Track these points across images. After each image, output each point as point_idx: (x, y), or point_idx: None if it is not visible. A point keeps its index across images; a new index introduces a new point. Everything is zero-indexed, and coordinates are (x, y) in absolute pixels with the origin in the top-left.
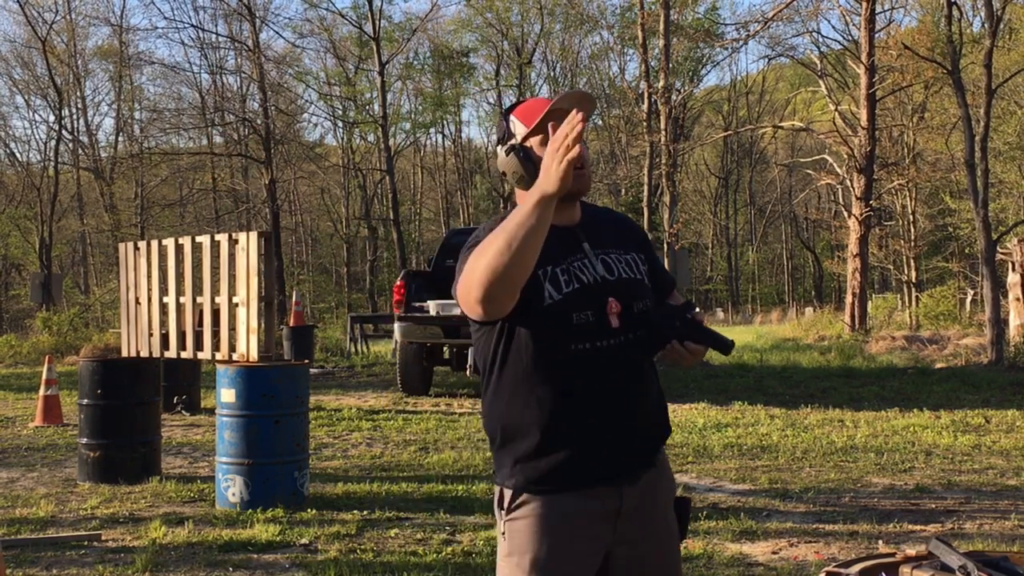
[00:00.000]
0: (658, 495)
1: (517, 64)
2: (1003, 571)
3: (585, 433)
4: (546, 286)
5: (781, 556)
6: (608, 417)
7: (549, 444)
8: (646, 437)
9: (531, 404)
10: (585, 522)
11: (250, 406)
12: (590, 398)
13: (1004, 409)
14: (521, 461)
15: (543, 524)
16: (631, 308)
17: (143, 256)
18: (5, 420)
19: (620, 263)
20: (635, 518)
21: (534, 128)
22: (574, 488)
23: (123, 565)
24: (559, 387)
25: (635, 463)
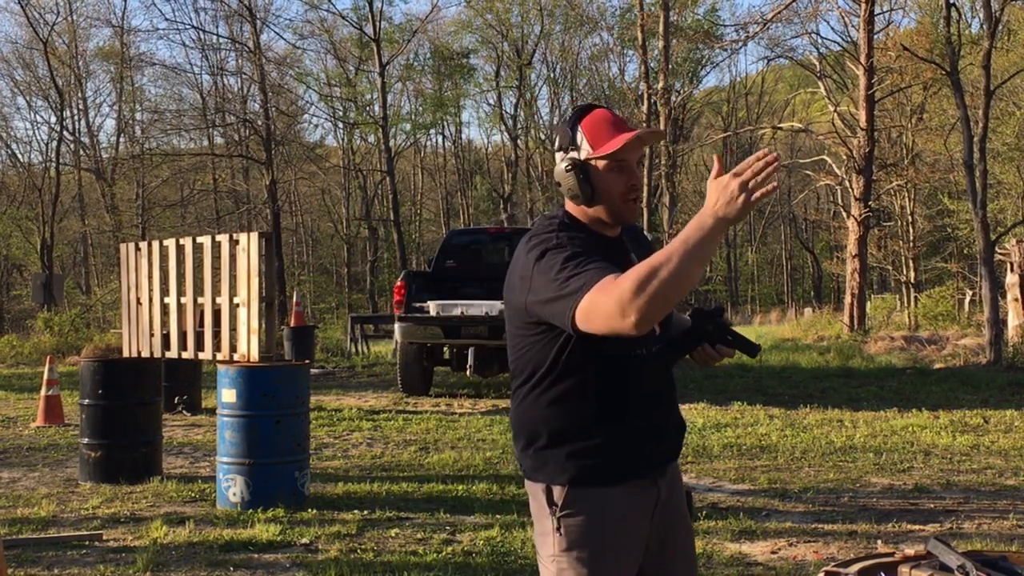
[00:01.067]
0: (678, 484)
1: (517, 65)
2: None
3: (636, 430)
4: None
5: (780, 556)
6: (653, 415)
7: (606, 441)
8: (677, 432)
9: (591, 405)
10: (637, 516)
11: (251, 406)
12: (642, 398)
13: (1002, 409)
14: (577, 458)
15: (602, 518)
16: (669, 317)
17: (144, 257)
18: (7, 420)
19: None
20: (667, 507)
21: (604, 155)
22: (624, 482)
23: (124, 565)
24: (619, 389)
25: (668, 457)
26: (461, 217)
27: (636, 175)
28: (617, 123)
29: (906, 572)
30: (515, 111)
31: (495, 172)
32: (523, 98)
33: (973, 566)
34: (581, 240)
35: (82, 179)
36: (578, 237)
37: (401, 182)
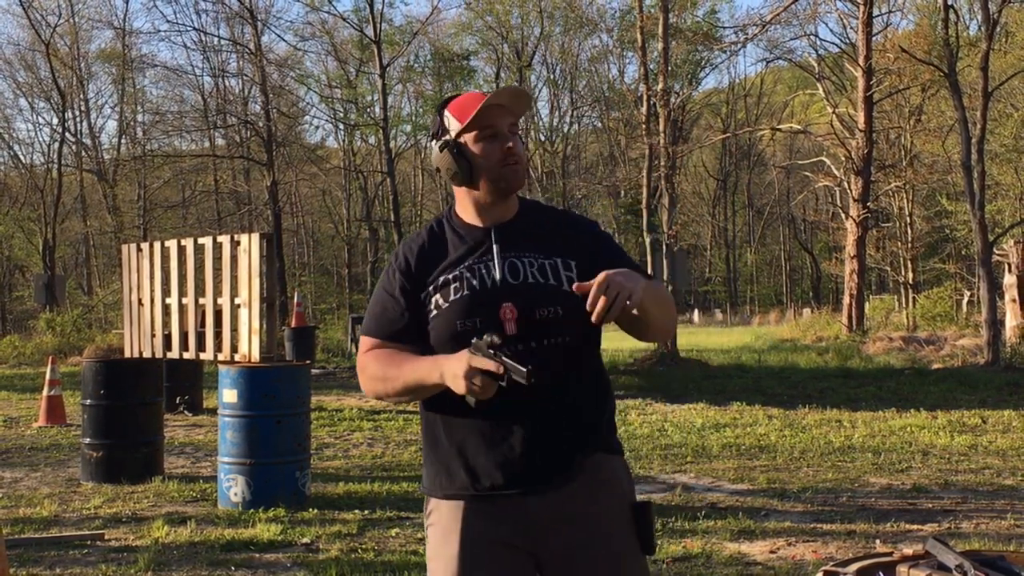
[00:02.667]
0: (587, 505)
1: (517, 67)
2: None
3: (474, 440)
4: (435, 298)
5: (779, 555)
6: (500, 426)
7: (446, 451)
8: (550, 447)
9: (433, 413)
10: (483, 529)
11: (252, 406)
12: (481, 406)
13: (1000, 409)
14: (428, 467)
15: (445, 530)
16: (532, 314)
17: (146, 257)
18: (9, 420)
19: (532, 267)
20: (559, 530)
21: (467, 124)
22: (471, 496)
23: (126, 564)
24: (449, 395)
25: (534, 474)
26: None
27: (511, 140)
28: (478, 97)
29: (904, 572)
30: None
31: None
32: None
33: (971, 566)
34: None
35: (84, 180)
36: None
37: (401, 183)
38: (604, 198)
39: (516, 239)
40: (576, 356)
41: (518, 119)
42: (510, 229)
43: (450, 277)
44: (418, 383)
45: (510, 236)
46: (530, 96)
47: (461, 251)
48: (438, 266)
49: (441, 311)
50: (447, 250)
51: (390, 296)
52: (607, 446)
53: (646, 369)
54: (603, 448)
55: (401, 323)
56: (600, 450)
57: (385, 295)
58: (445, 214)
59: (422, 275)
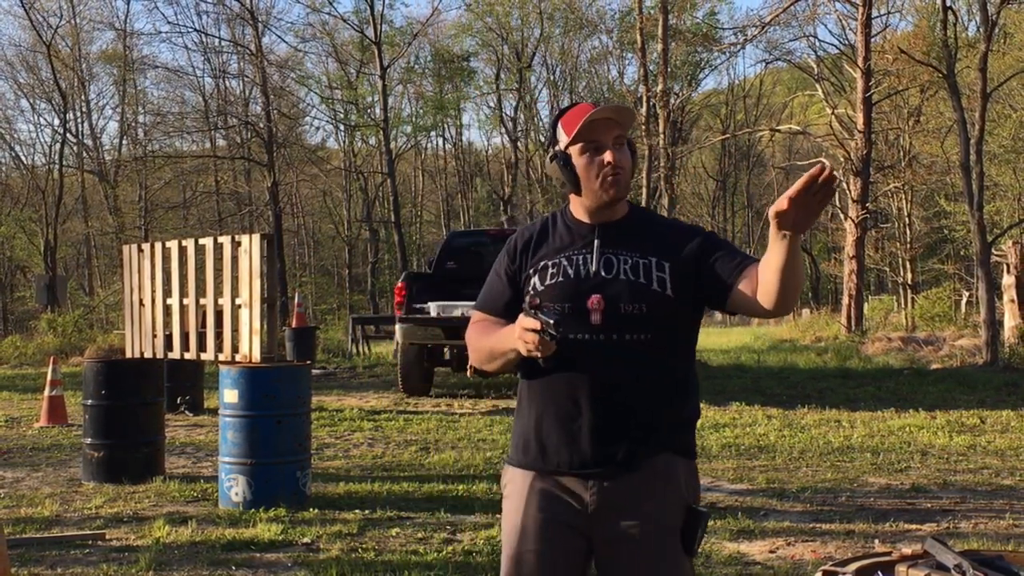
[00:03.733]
0: (644, 500)
1: (517, 68)
2: (998, 570)
3: (549, 417)
4: (533, 280)
5: (778, 555)
6: (575, 409)
7: (525, 424)
8: (616, 437)
9: (523, 386)
10: (546, 506)
11: (252, 406)
12: (558, 386)
13: (999, 409)
14: (513, 435)
15: (515, 500)
16: (617, 308)
17: (147, 258)
18: (10, 420)
19: (627, 264)
20: (610, 517)
21: (573, 137)
22: (539, 470)
23: (127, 564)
24: (533, 373)
25: (597, 460)
26: (461, 219)
27: (612, 154)
28: (587, 109)
29: (903, 571)
30: (515, 113)
31: (495, 174)
32: (523, 101)
33: (970, 565)
34: (540, 236)
35: (85, 181)
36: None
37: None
38: None
39: (618, 237)
40: (656, 354)
41: (625, 131)
42: (614, 228)
43: (550, 263)
44: (499, 349)
45: (613, 234)
46: (632, 112)
47: (566, 242)
48: (542, 252)
49: (536, 292)
50: (554, 239)
51: (496, 275)
52: (676, 447)
53: None
54: (671, 448)
55: (502, 300)
56: (668, 450)
57: (493, 274)
58: (562, 209)
59: (526, 258)
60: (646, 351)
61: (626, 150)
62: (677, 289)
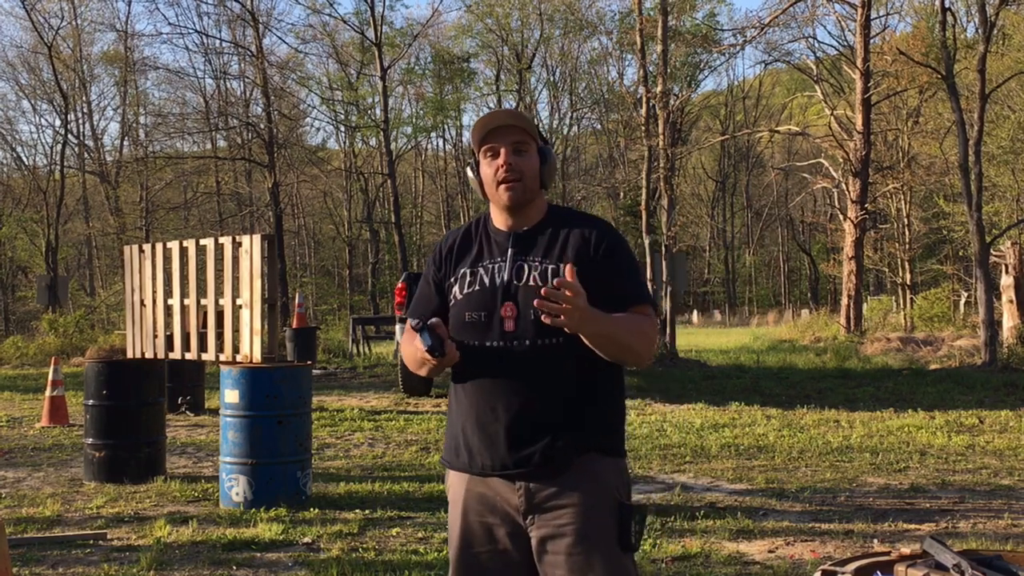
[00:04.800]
0: (570, 498)
1: (517, 69)
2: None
3: (472, 421)
4: (454, 289)
5: (777, 555)
6: (492, 413)
7: (454, 427)
8: (532, 439)
9: (451, 390)
10: (480, 508)
11: (253, 407)
12: (478, 391)
13: (997, 410)
14: (446, 438)
15: (453, 502)
16: (528, 314)
17: (148, 259)
18: (12, 420)
19: (536, 271)
20: (541, 518)
21: (475, 144)
22: (465, 471)
23: (128, 564)
24: (458, 378)
25: (520, 461)
26: (462, 219)
27: (506, 156)
28: (491, 114)
29: (902, 571)
30: None
31: None
32: (523, 102)
33: (968, 565)
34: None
35: (86, 182)
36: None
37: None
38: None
39: (530, 244)
40: (571, 357)
41: (527, 136)
42: (528, 235)
43: (468, 272)
44: (419, 357)
45: (526, 241)
46: (522, 114)
47: (484, 250)
48: (463, 261)
49: (457, 302)
50: (474, 247)
51: (425, 281)
52: (600, 446)
53: (645, 370)
54: (595, 448)
55: (431, 307)
56: (592, 449)
57: (423, 281)
58: (484, 215)
59: (449, 266)
60: (560, 355)
61: (530, 156)
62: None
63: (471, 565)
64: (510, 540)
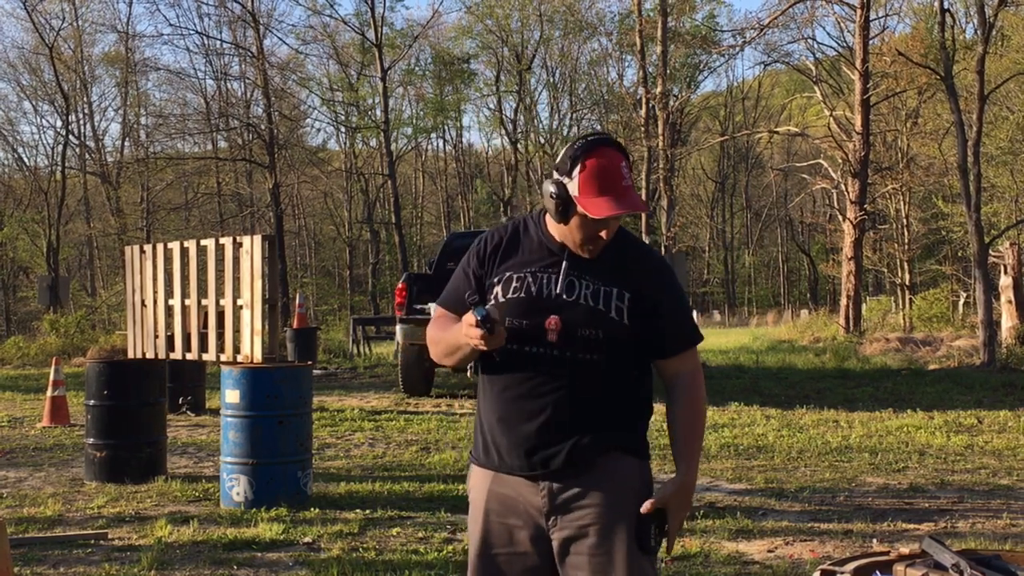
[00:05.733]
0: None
1: (517, 70)
2: (995, 569)
3: (500, 420)
4: (497, 289)
5: (777, 554)
6: (521, 410)
7: (483, 425)
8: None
9: (481, 386)
10: (502, 508)
11: (254, 407)
12: (510, 392)
13: (996, 410)
14: (475, 434)
15: (475, 499)
16: (574, 331)
17: (149, 259)
18: (13, 420)
19: (588, 290)
20: (564, 518)
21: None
22: (493, 469)
23: (129, 563)
24: (493, 379)
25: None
26: (462, 220)
27: (604, 230)
28: (610, 180)
29: (901, 571)
30: (515, 115)
31: (495, 176)
32: (523, 102)
33: (967, 564)
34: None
35: (87, 183)
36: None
37: (402, 185)
38: None
39: (585, 263)
40: (607, 372)
41: None
42: (608, 256)
43: (515, 276)
44: (453, 344)
45: (581, 259)
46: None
47: (535, 256)
48: (510, 261)
49: (498, 303)
50: (523, 250)
51: (464, 273)
52: (624, 446)
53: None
54: (619, 447)
55: (465, 300)
56: (616, 448)
57: (460, 271)
58: (537, 216)
59: (493, 264)
60: (597, 369)
61: (621, 219)
62: (633, 319)
63: (489, 567)
64: (531, 543)
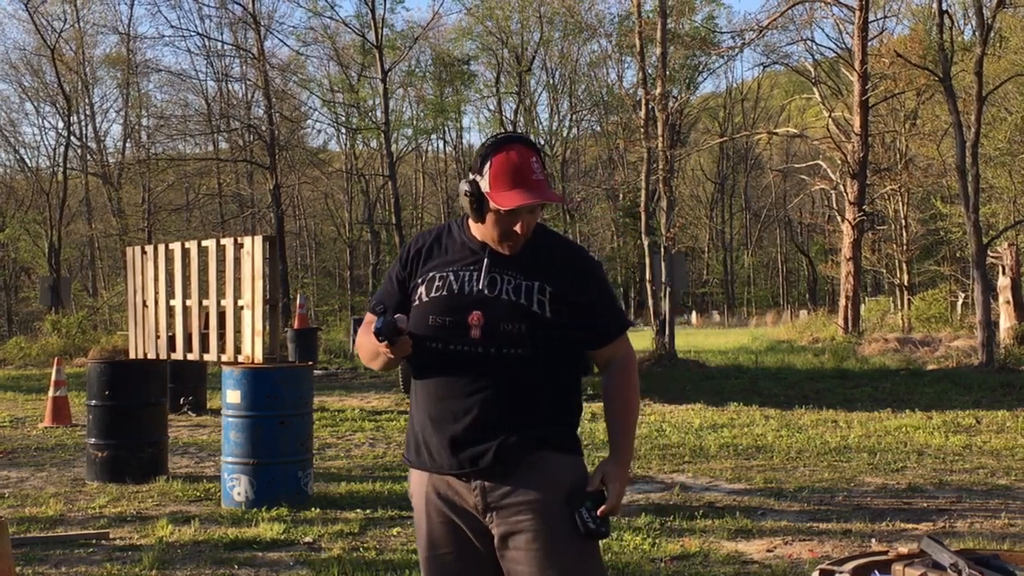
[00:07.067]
0: (525, 494)
1: (517, 72)
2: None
3: (429, 421)
4: (420, 289)
5: (776, 554)
6: (449, 414)
7: (413, 425)
8: (485, 439)
9: (412, 388)
10: (440, 506)
11: (255, 407)
12: (437, 392)
13: (994, 410)
14: (407, 436)
15: (416, 501)
16: (496, 325)
17: (150, 260)
18: (15, 421)
19: (510, 285)
20: (498, 515)
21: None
22: (426, 469)
23: (130, 563)
24: (423, 379)
25: (474, 460)
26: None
27: (518, 224)
28: (519, 174)
29: (900, 570)
30: (515, 117)
31: None
32: (523, 104)
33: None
34: (433, 245)
35: (89, 183)
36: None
37: (403, 186)
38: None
39: (506, 259)
40: (532, 367)
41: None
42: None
43: (438, 275)
44: (372, 349)
45: (502, 255)
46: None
47: (457, 255)
48: (432, 262)
49: (421, 303)
50: (446, 251)
51: (390, 279)
52: (554, 444)
53: (644, 370)
54: (547, 445)
55: (392, 303)
56: (544, 447)
57: (387, 277)
58: (460, 221)
59: (417, 266)
60: (523, 364)
61: (537, 213)
62: (556, 312)
63: (438, 566)
64: (475, 537)
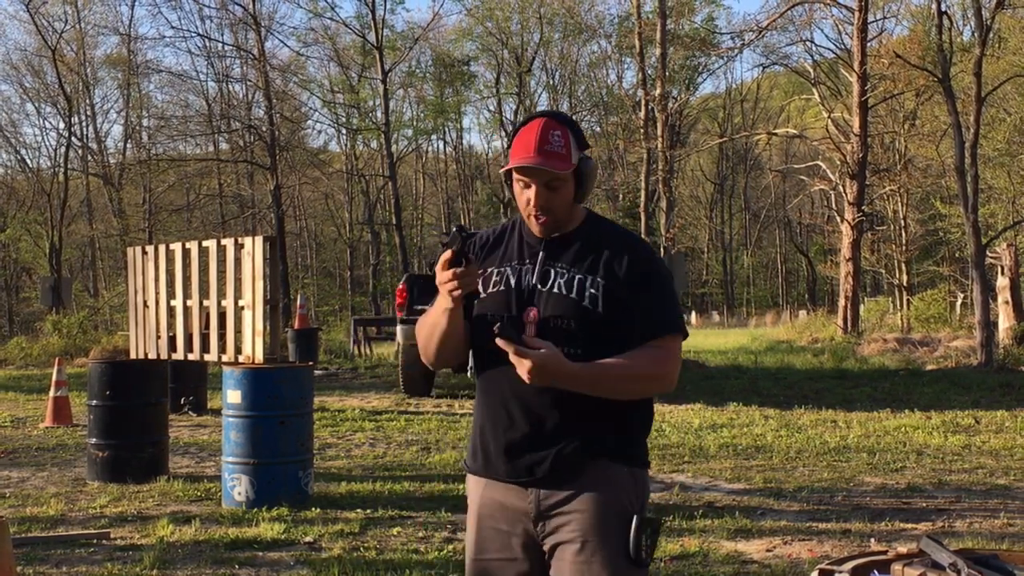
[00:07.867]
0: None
1: (517, 72)
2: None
3: (489, 425)
4: (479, 286)
5: (775, 554)
6: (509, 419)
7: (475, 431)
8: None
9: (478, 391)
10: (490, 508)
11: (256, 407)
12: (497, 395)
13: (993, 410)
14: (469, 441)
15: (470, 505)
16: (547, 321)
17: (151, 260)
18: (16, 421)
19: (562, 278)
20: (551, 525)
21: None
22: (483, 475)
23: (131, 563)
24: (484, 381)
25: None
26: (462, 221)
27: (536, 194)
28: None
29: (899, 570)
30: (515, 117)
31: (495, 177)
32: (523, 104)
33: (964, 564)
34: (495, 241)
35: (90, 184)
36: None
37: (403, 187)
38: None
39: (561, 251)
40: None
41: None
42: (561, 240)
43: (495, 271)
44: (432, 320)
45: (557, 248)
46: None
47: (515, 251)
48: (491, 259)
49: (481, 299)
50: (506, 247)
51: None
52: (615, 455)
53: None
54: (611, 456)
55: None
56: (605, 457)
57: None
58: (521, 217)
59: (479, 262)
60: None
61: (563, 188)
62: (608, 307)
63: (482, 571)
64: (522, 549)
